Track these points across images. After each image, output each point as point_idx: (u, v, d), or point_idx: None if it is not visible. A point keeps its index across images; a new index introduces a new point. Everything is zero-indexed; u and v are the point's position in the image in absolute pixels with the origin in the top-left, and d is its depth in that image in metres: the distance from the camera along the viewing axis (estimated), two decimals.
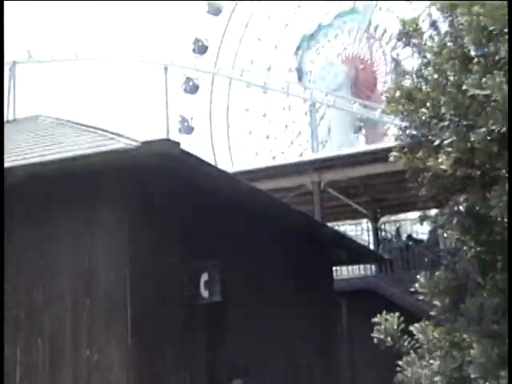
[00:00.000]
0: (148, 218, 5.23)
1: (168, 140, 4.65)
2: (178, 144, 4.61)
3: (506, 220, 3.97)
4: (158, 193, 5.29)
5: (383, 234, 19.58)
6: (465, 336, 3.96)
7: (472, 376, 3.61)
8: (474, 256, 4.19)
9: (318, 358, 8.62)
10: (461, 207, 3.89)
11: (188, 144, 30.85)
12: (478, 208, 3.72)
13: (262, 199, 6.13)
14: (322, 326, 8.91)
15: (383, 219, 21.50)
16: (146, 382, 4.97)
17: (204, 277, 5.30)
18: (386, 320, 4.37)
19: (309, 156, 16.60)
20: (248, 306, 6.65)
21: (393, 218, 20.72)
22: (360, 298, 17.06)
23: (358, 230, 19.48)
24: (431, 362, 4.09)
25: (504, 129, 3.22)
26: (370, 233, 20.09)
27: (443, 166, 3.60)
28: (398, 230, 19.37)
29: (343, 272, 15.21)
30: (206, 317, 6.15)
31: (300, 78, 36.77)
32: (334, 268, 9.74)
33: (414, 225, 19.36)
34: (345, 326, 17.54)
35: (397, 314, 4.41)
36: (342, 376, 10.03)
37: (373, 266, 17.50)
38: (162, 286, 5.29)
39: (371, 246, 17.30)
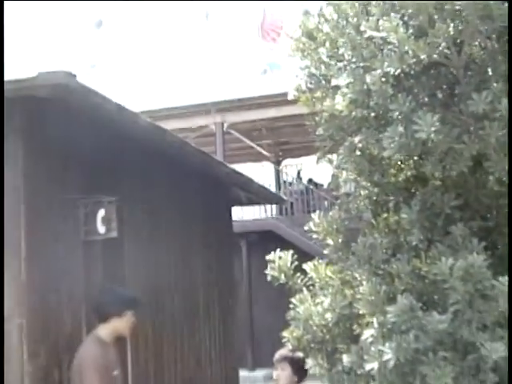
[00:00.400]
0: (45, 152, 5.12)
1: (65, 71, 4.53)
2: (75, 76, 4.53)
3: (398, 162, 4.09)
4: (56, 127, 5.17)
5: (284, 177, 19.80)
6: (355, 275, 4.08)
7: (361, 312, 3.73)
8: (368, 197, 4.30)
9: (217, 297, 8.74)
10: (356, 148, 3.96)
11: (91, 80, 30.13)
12: (371, 149, 3.81)
13: (161, 135, 6.09)
14: (221, 265, 9.01)
15: (285, 162, 21.74)
16: (39, 319, 4.92)
17: (101, 213, 5.25)
18: (280, 258, 4.46)
19: (212, 97, 16.52)
20: (145, 243, 6.66)
21: (295, 161, 20.94)
22: (260, 240, 17.34)
23: (259, 173, 19.60)
24: (322, 299, 4.21)
25: (398, 71, 3.30)
26: (272, 176, 20.32)
27: (339, 107, 3.65)
28: (298, 174, 19.64)
29: (244, 214, 15.35)
30: (103, 253, 6.13)
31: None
32: (234, 209, 9.77)
33: (316, 169, 19.63)
34: (245, 267, 17.84)
35: (290, 251, 4.50)
36: (241, 314, 10.17)
37: (273, 209, 17.74)
38: (58, 222, 5.22)
39: (272, 189, 17.47)
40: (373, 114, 3.71)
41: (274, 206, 17.31)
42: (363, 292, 3.67)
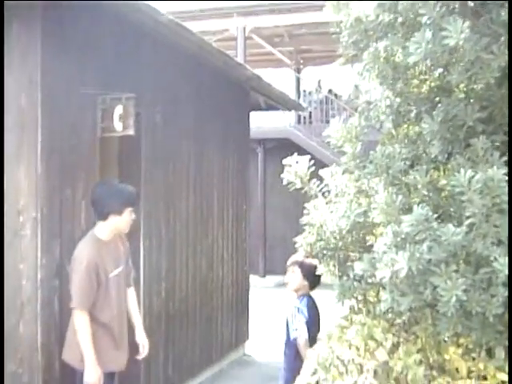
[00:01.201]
0: (63, 46, 5.05)
1: None
2: None
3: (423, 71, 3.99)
4: (76, 21, 5.09)
5: (304, 85, 19.60)
6: (372, 184, 4.05)
7: (375, 221, 3.71)
8: (389, 106, 4.21)
9: (231, 201, 8.77)
10: (380, 55, 3.86)
11: None
12: (396, 56, 3.71)
13: (181, 34, 5.97)
14: (237, 170, 9.00)
15: (306, 70, 21.48)
16: (54, 213, 4.95)
17: (118, 109, 5.20)
18: (297, 162, 4.43)
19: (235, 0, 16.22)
20: (162, 142, 6.63)
21: (315, 69, 20.68)
22: (277, 148, 17.29)
23: (279, 81, 19.33)
24: (338, 206, 4.19)
25: None
26: (292, 84, 20.07)
27: (366, 11, 3.54)
28: (319, 83, 19.40)
29: (262, 121, 15.23)
30: (119, 150, 6.13)
31: None
32: (252, 115, 9.68)
33: (336, 80, 19.39)
34: (260, 174, 17.86)
35: (308, 157, 4.47)
36: (254, 221, 10.22)
37: (292, 118, 17.60)
38: (75, 116, 5.19)
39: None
40: (400, 20, 3.61)
41: (292, 115, 17.16)
42: (379, 201, 3.64)
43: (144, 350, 5.05)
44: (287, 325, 5.26)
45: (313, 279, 5.26)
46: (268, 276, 17.78)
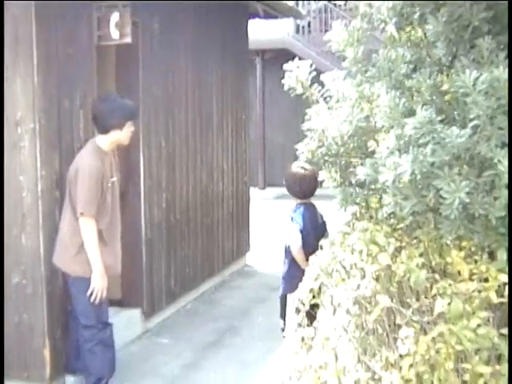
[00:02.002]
0: None
1: None
2: None
3: None
4: None
5: None
6: (374, 89, 3.98)
7: (378, 125, 3.66)
8: (392, 8, 4.11)
9: (230, 111, 8.69)
10: None
11: None
12: None
13: None
14: (236, 79, 8.90)
15: None
16: (52, 124, 4.90)
17: (115, 17, 5.08)
18: (298, 67, 4.35)
19: None
20: (160, 52, 6.52)
21: None
22: (275, 58, 17.07)
23: None
24: (340, 111, 4.14)
25: None
26: None
27: None
28: None
29: (259, 31, 14.95)
30: (117, 59, 6.03)
31: None
32: (250, 26, 9.49)
33: None
34: (258, 85, 17.69)
35: (309, 61, 4.39)
36: (254, 133, 10.15)
37: (290, 28, 17.31)
38: (70, 25, 5.08)
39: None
40: None
41: (290, 24, 16.87)
42: (382, 104, 3.58)
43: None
44: (285, 235, 5.35)
45: (294, 189, 5.39)
46: (268, 188, 17.85)
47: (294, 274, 5.09)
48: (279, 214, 13.35)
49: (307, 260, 5.01)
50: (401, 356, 3.39)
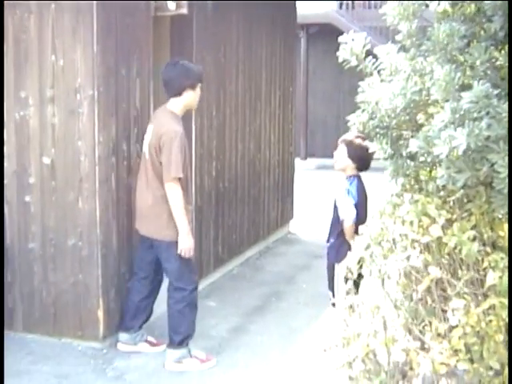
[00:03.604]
0: None
1: None
2: None
3: None
4: None
5: None
6: (426, 65, 4.02)
7: (432, 98, 3.71)
8: None
9: (278, 83, 8.76)
10: None
11: None
12: None
13: None
14: (284, 53, 8.95)
15: None
16: (111, 91, 5.02)
17: None
18: (353, 40, 4.39)
19: None
20: (214, 24, 6.61)
21: None
22: (319, 33, 17.05)
23: None
24: (393, 84, 4.18)
25: None
26: None
27: None
28: None
29: (305, 7, 14.90)
30: (171, 31, 6.11)
31: None
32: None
33: None
34: (303, 59, 17.68)
35: (365, 33, 4.43)
36: (297, 106, 10.18)
37: (334, 3, 17.27)
38: None
39: None
40: None
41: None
42: (437, 77, 3.62)
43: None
44: (335, 206, 5.25)
45: (359, 160, 5.21)
46: (309, 159, 17.91)
47: (341, 245, 5.13)
48: (320, 184, 13.45)
49: (357, 234, 5.11)
50: (451, 327, 3.47)
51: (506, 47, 3.81)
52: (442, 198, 4.09)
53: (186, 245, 4.90)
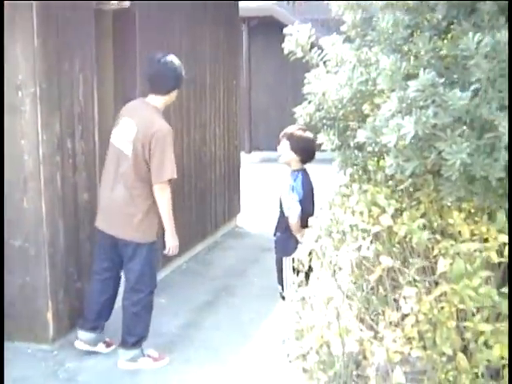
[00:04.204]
0: None
1: None
2: None
3: None
4: None
5: None
6: (372, 55, 4.03)
7: (379, 88, 3.72)
8: None
9: (222, 76, 8.70)
10: None
11: None
12: None
13: None
14: (227, 45, 8.90)
15: None
16: (53, 87, 4.91)
17: None
18: (298, 31, 4.38)
19: None
20: (156, 19, 6.52)
21: None
22: (260, 26, 17.05)
23: None
24: (339, 75, 4.19)
25: None
26: None
27: None
28: None
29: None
30: (113, 25, 6.02)
31: None
32: None
33: None
34: (245, 52, 17.65)
35: (309, 24, 4.42)
36: (241, 97, 10.14)
37: None
38: None
39: None
40: None
41: None
42: (383, 67, 3.63)
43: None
44: (280, 202, 5.25)
45: (302, 152, 5.21)
46: (253, 152, 17.91)
47: (288, 238, 5.14)
48: (265, 177, 13.44)
49: (303, 227, 5.03)
50: (403, 315, 3.49)
51: (449, 36, 3.86)
52: (391, 187, 4.12)
53: (174, 243, 5.00)
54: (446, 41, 3.88)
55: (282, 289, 5.29)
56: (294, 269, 5.14)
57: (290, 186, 5.12)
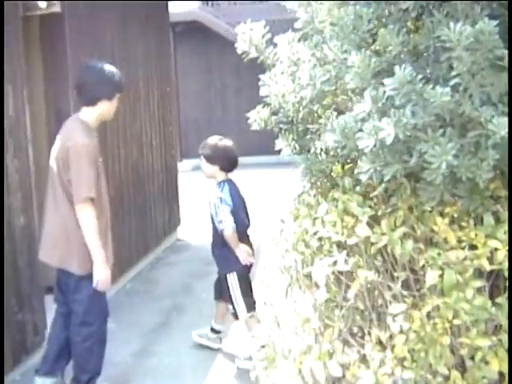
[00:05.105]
0: None
1: None
2: None
3: None
4: None
5: None
6: (330, 53, 3.74)
7: (349, 86, 3.42)
8: None
9: (156, 83, 8.34)
10: None
11: None
12: None
13: None
14: (159, 53, 8.55)
15: None
16: None
17: None
18: (252, 29, 4.06)
19: None
20: (88, 23, 6.11)
21: None
22: (186, 32, 16.70)
23: None
24: (299, 75, 3.88)
25: None
26: None
27: None
28: None
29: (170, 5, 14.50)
30: (41, 33, 5.58)
31: None
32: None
33: None
34: (171, 59, 17.27)
35: (263, 22, 4.10)
36: (173, 106, 9.75)
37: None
38: None
39: None
40: None
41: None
42: (352, 64, 3.34)
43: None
44: (212, 217, 5.02)
45: (220, 161, 5.05)
46: (184, 160, 17.57)
47: (228, 254, 4.94)
48: (199, 186, 13.05)
49: (241, 240, 4.94)
50: (391, 334, 3.19)
51: (419, 28, 3.59)
52: (360, 194, 3.82)
53: (102, 276, 4.25)
54: (414, 34, 3.63)
55: (233, 307, 5.00)
56: (240, 284, 4.92)
57: (219, 198, 4.92)
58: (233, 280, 4.96)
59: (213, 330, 5.29)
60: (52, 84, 5.73)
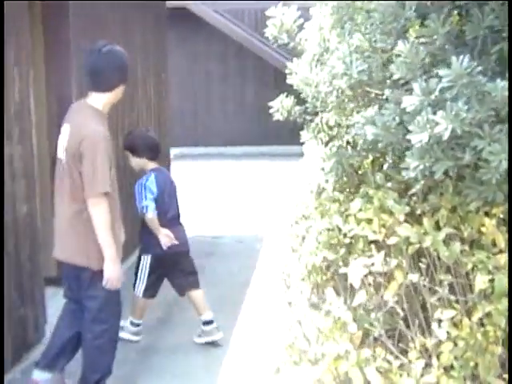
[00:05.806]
0: None
1: None
2: None
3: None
4: None
5: None
6: (365, 42, 3.54)
7: (396, 76, 3.22)
8: None
9: (152, 70, 8.12)
10: None
11: None
12: None
13: None
14: (155, 40, 8.33)
15: None
16: None
17: None
18: (283, 14, 3.84)
19: None
20: (90, 6, 5.88)
21: None
22: (170, 19, 16.38)
23: None
24: (333, 64, 3.68)
25: None
26: None
27: None
28: None
29: None
30: (42, 14, 5.35)
31: None
32: None
33: None
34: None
35: (296, 6, 3.90)
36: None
37: None
38: None
39: None
40: None
41: None
42: (399, 53, 3.15)
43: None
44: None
45: (140, 152, 5.14)
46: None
47: (150, 238, 5.06)
48: (182, 175, 12.86)
49: (169, 226, 5.08)
50: (438, 341, 3.01)
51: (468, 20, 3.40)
52: (395, 190, 3.63)
53: (113, 273, 4.00)
54: (458, 23, 3.43)
55: (134, 286, 5.18)
56: (151, 269, 5.10)
57: (142, 185, 5.05)
58: (146, 262, 5.11)
59: (205, 322, 5.17)
60: (54, 70, 5.48)
